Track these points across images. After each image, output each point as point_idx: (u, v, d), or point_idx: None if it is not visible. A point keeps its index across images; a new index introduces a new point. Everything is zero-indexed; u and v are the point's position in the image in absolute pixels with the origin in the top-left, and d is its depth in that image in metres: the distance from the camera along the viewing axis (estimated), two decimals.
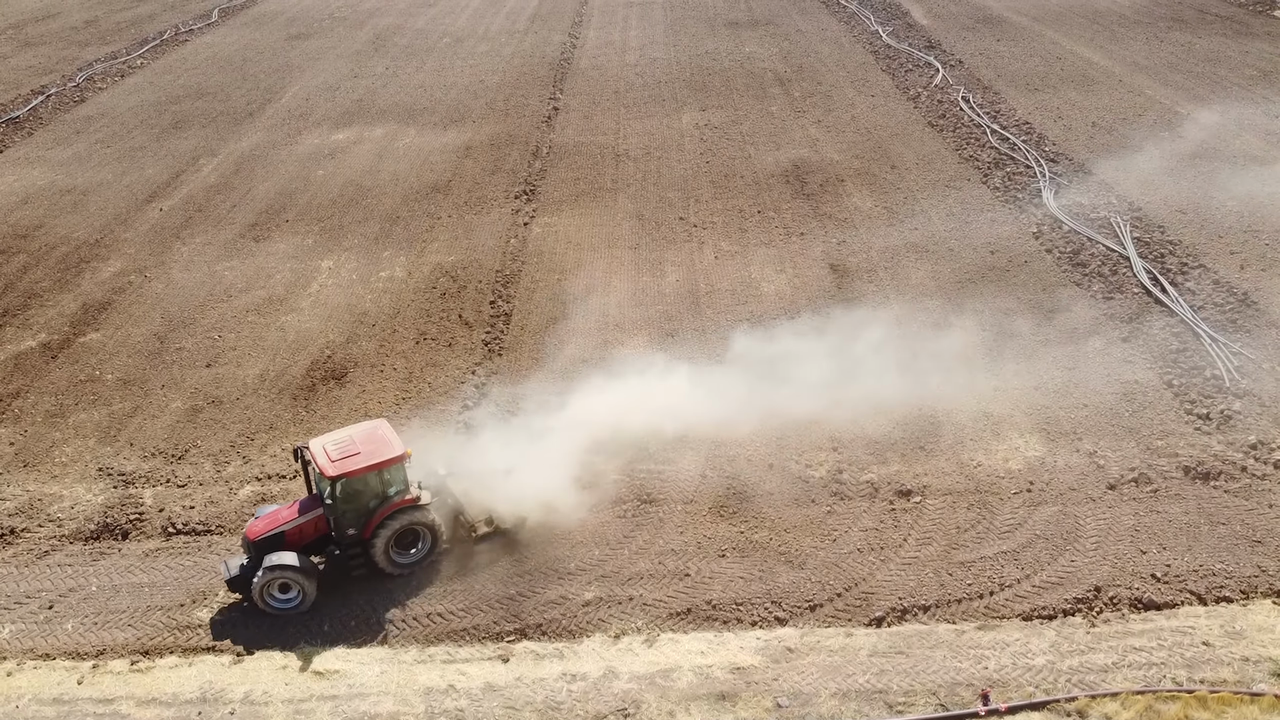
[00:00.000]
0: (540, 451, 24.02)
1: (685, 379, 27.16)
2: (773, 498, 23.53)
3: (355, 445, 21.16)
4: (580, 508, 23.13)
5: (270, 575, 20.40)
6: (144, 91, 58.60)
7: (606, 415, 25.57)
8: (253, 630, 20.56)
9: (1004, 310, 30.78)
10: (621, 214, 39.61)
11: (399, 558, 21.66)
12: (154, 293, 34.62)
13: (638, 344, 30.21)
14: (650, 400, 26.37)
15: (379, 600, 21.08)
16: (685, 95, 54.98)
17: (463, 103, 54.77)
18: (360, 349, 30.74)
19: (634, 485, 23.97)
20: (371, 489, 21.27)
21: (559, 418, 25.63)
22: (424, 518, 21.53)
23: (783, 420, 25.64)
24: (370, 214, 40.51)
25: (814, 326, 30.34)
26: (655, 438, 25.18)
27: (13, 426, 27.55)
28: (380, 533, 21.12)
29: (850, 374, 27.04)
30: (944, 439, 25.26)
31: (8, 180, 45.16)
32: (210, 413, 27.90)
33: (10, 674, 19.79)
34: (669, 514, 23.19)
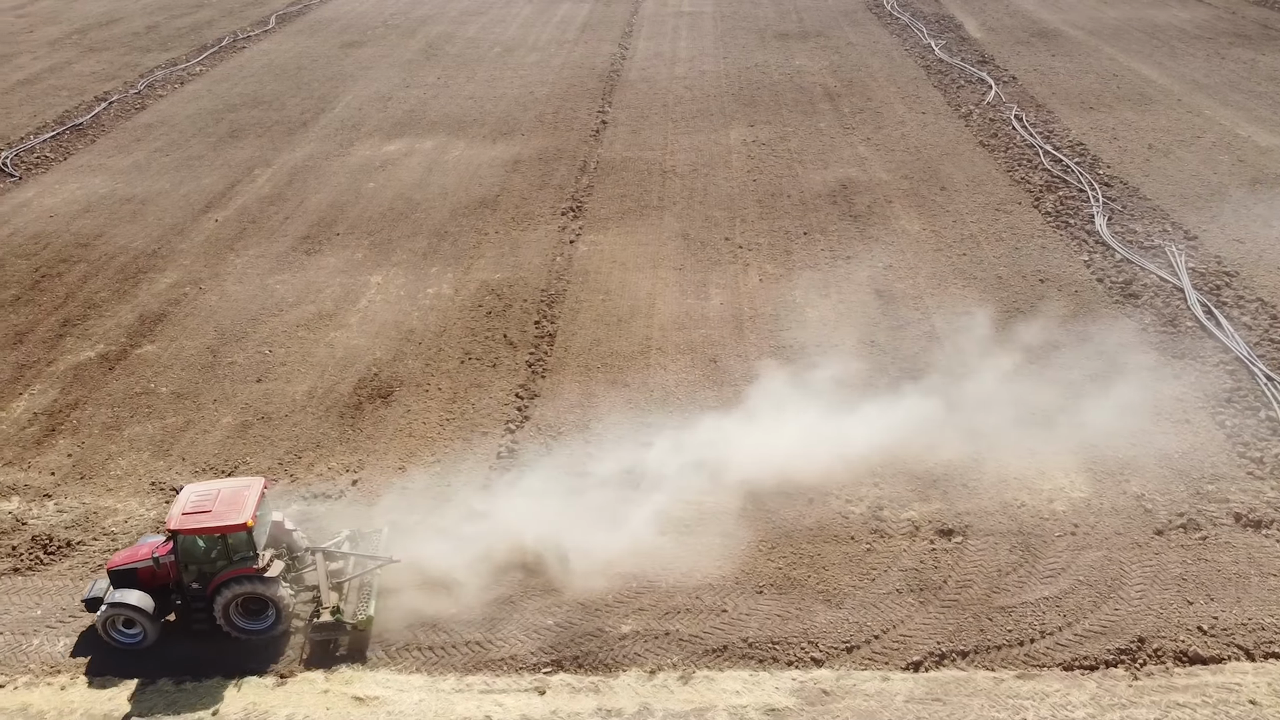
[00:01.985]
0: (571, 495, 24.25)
1: (727, 410, 27.18)
2: (811, 534, 23.48)
3: (211, 502, 20.75)
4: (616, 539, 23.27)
5: (111, 611, 20.58)
6: (202, 99, 59.84)
7: (647, 449, 25.72)
8: (296, 652, 20.95)
9: (1052, 342, 30.40)
10: (667, 233, 39.71)
11: (243, 623, 21.02)
12: (208, 305, 35.37)
13: (678, 369, 30.28)
14: (691, 432, 26.49)
15: (420, 626, 21.36)
16: (733, 110, 54.93)
17: (512, 115, 55.23)
18: (406, 367, 31.16)
19: (672, 518, 24.00)
20: (210, 550, 20.81)
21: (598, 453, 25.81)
22: (264, 590, 20.62)
23: (824, 454, 25.53)
24: (419, 228, 41.03)
25: (856, 355, 30.25)
26: (696, 469, 25.19)
27: (71, 438, 28.33)
28: (221, 593, 20.64)
29: (892, 407, 26.92)
30: (987, 477, 25.02)
31: (70, 188, 46.39)
32: (259, 429, 28.46)
33: (64, 688, 20.38)
34: (707, 546, 23.21)
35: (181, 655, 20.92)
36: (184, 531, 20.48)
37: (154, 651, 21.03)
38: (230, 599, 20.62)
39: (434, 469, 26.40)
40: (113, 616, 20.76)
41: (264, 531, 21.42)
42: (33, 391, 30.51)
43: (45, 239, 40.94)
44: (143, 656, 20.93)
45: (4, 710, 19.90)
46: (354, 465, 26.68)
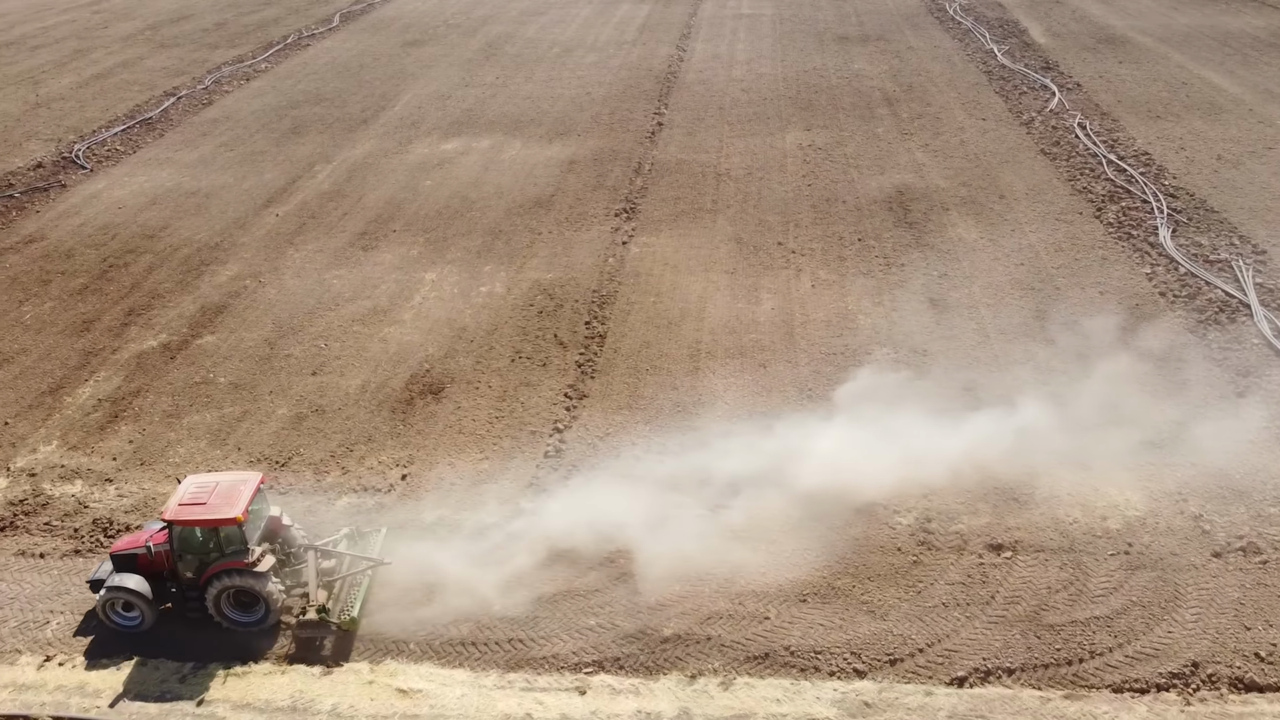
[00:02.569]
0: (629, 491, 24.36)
1: (775, 416, 27.06)
2: (857, 543, 23.28)
3: (208, 495, 21.12)
4: (661, 541, 23.32)
5: (110, 594, 21.13)
6: (266, 95, 61.06)
7: (695, 453, 25.74)
8: (342, 643, 21.29)
9: (1110, 356, 29.76)
10: (720, 237, 39.64)
11: (234, 615, 21.46)
12: (267, 298, 36.09)
13: (728, 373, 30.22)
14: (738, 438, 26.44)
15: (464, 621, 21.59)
16: (790, 113, 54.65)
17: (569, 115, 55.53)
18: (458, 364, 31.50)
19: (717, 523, 23.97)
20: (203, 542, 21.27)
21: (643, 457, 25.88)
22: (254, 584, 20.99)
23: (872, 463, 25.29)
24: (474, 227, 41.45)
25: (908, 365, 29.96)
26: (742, 475, 25.12)
27: (133, 424, 29.10)
28: (212, 585, 21.06)
29: (942, 416, 26.59)
30: (1039, 491, 24.59)
31: (139, 180, 47.64)
32: (313, 421, 28.98)
33: (119, 668, 20.95)
34: (751, 554, 23.14)
35: (235, 642, 21.38)
36: (178, 522, 20.96)
37: (206, 638, 21.52)
38: (221, 590, 21.01)
39: (482, 466, 26.66)
40: (112, 600, 21.30)
41: (257, 527, 21.74)
42: (98, 378, 31.39)
43: (113, 230, 42.10)
44: (193, 642, 21.43)
45: (63, 687, 20.52)
46: (404, 460, 27.06)
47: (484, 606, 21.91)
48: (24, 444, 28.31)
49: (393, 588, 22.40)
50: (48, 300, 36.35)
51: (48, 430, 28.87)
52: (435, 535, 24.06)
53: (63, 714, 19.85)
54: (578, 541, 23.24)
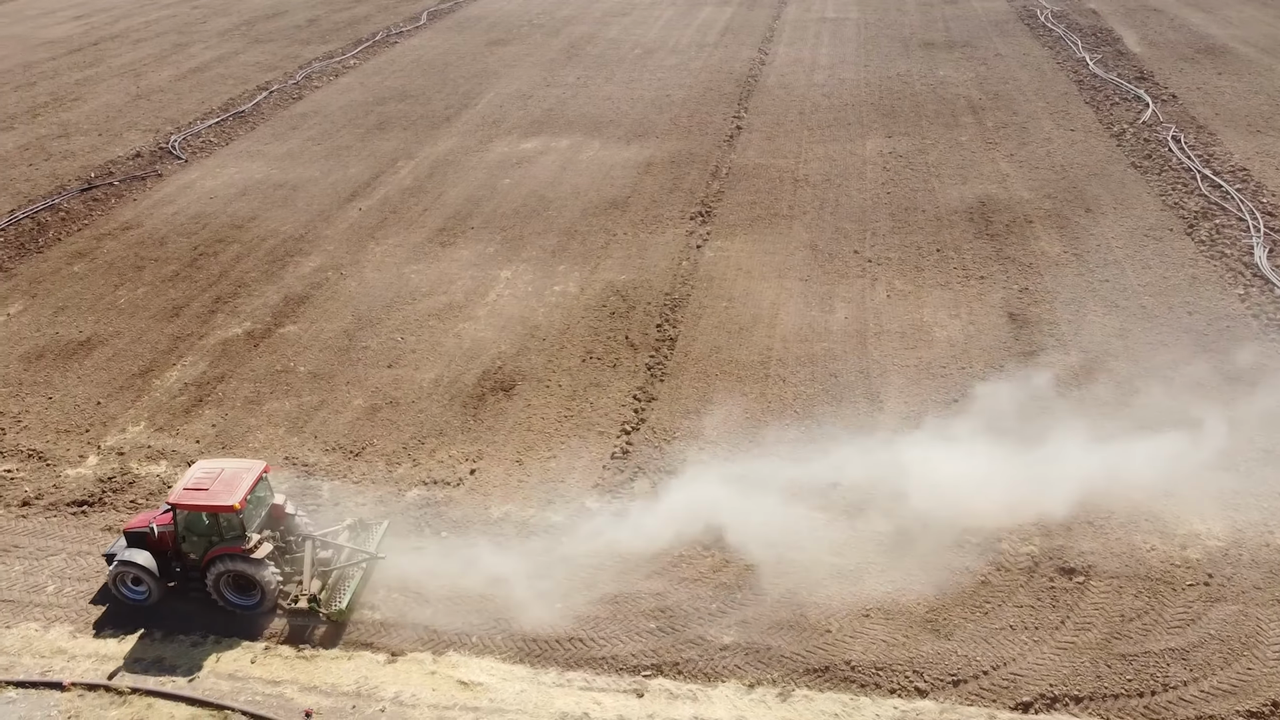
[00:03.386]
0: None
1: (844, 425, 26.81)
2: (924, 560, 22.92)
3: (211, 481, 21.81)
4: (722, 548, 23.30)
5: (120, 568, 22.04)
6: (354, 91, 62.49)
7: (758, 460, 25.61)
8: (406, 632, 21.71)
9: (1197, 380, 28.82)
10: (795, 243, 39.37)
11: (233, 597, 22.14)
12: (347, 290, 36.95)
13: (798, 381, 30.02)
14: (804, 446, 26.25)
15: (526, 620, 21.84)
16: (872, 120, 53.99)
17: (648, 117, 55.70)
18: (529, 362, 31.86)
19: (782, 531, 23.80)
20: (203, 526, 21.89)
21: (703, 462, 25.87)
22: (250, 570, 21.63)
23: (942, 477, 24.87)
24: (550, 226, 41.85)
25: (983, 379, 29.39)
26: (806, 484, 24.96)
27: (216, 409, 30.07)
28: (212, 568, 21.73)
29: (1017, 433, 26.02)
30: (1117, 516, 23.91)
31: (230, 172, 49.18)
32: (387, 413, 29.59)
33: (195, 645, 21.70)
34: (813, 563, 22.96)
35: (301, 625, 21.97)
36: (180, 506, 21.77)
37: (276, 617, 22.14)
38: (220, 573, 21.77)
39: (549, 464, 26.94)
40: (122, 573, 22.23)
41: (257, 514, 22.38)
42: (185, 363, 32.51)
43: (205, 219, 43.53)
44: (265, 625, 22.06)
45: (140, 660, 21.32)
46: (473, 455, 27.47)
47: (546, 604, 22.13)
48: (114, 424, 29.47)
49: (450, 579, 22.77)
50: (141, 286, 37.76)
51: (136, 411, 30.00)
52: (501, 531, 24.41)
53: (141, 685, 20.61)
54: (642, 544, 23.34)
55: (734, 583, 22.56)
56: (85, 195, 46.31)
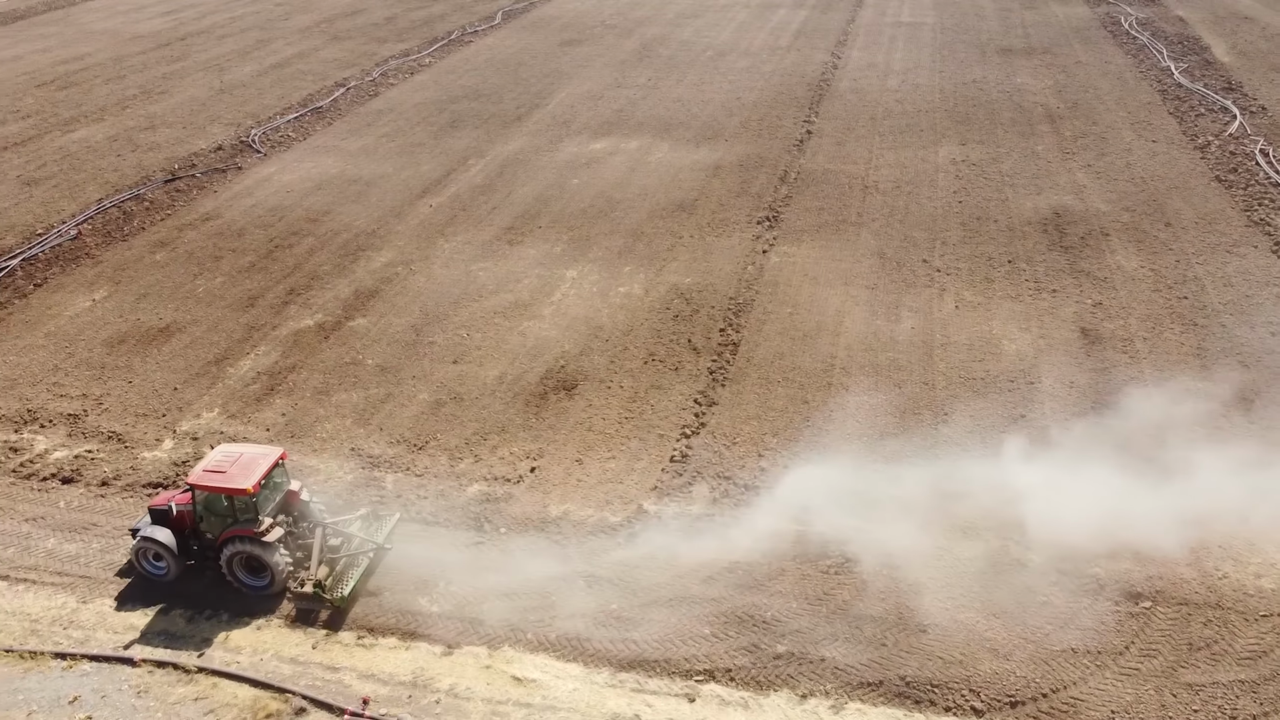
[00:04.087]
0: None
1: (904, 437, 26.51)
2: (984, 577, 22.56)
3: (229, 465, 22.54)
4: (785, 558, 23.22)
5: (141, 544, 22.93)
6: (428, 89, 63.48)
7: (816, 468, 25.46)
8: (462, 625, 22.03)
9: (1276, 403, 27.86)
10: (863, 250, 38.99)
11: (244, 577, 22.86)
12: (416, 286, 37.58)
13: (861, 391, 29.74)
14: (866, 456, 26.02)
15: (581, 619, 22.02)
16: (945, 126, 53.21)
17: (717, 120, 55.61)
18: (592, 363, 32.06)
19: (840, 542, 23.65)
20: (221, 507, 22.62)
21: None
22: (259, 552, 22.24)
23: (1004, 493, 24.48)
24: (616, 227, 42.05)
25: (1051, 395, 28.82)
26: (858, 495, 24.73)
27: (287, 398, 30.83)
28: (226, 548, 22.46)
29: (1084, 452, 25.47)
30: (1187, 541, 23.24)
31: (306, 166, 50.33)
32: (451, 408, 30.04)
33: (260, 628, 22.30)
34: (873, 577, 22.74)
35: (356, 613, 22.42)
36: (198, 487, 22.49)
37: (340, 609, 22.65)
38: (233, 554, 22.51)
39: (609, 465, 27.10)
40: (143, 549, 23.10)
41: (270, 499, 23.04)
42: (258, 352, 33.39)
43: (281, 212, 44.64)
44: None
45: (208, 640, 21.95)
46: (534, 453, 27.75)
47: (602, 604, 22.29)
48: (189, 409, 30.39)
49: (507, 574, 23.05)
50: (218, 275, 38.87)
51: (211, 398, 30.90)
52: (559, 529, 24.63)
53: (207, 664, 21.24)
54: (700, 549, 23.38)
55: (789, 592, 22.46)
56: (169, 186, 47.80)
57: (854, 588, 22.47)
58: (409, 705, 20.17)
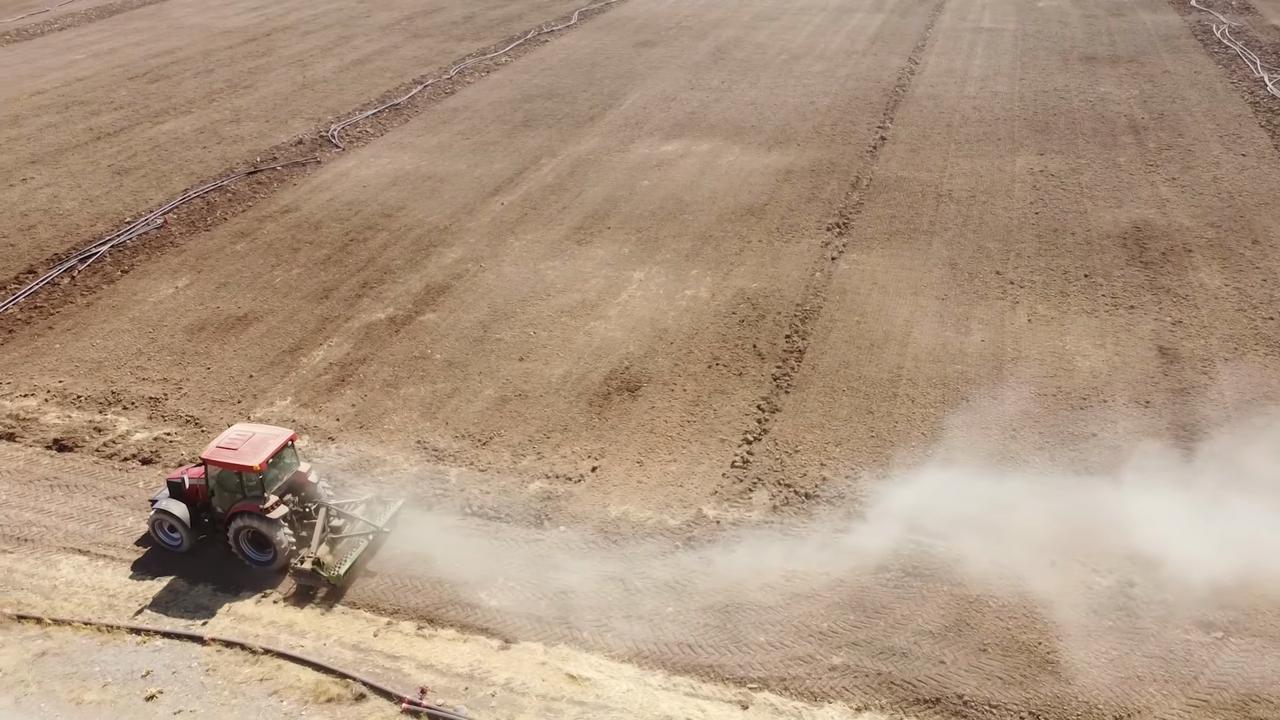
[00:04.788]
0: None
1: (971, 452, 26.13)
2: (1049, 597, 22.12)
3: (241, 443, 23.53)
4: (838, 566, 23.07)
5: (157, 515, 24.04)
6: (503, 88, 64.24)
7: (883, 482, 25.21)
8: (520, 621, 22.30)
9: None
10: (934, 260, 38.45)
11: (250, 551, 23.79)
12: (485, 283, 38.10)
13: (927, 403, 29.36)
14: (931, 469, 25.70)
15: (637, 620, 22.14)
16: (1023, 135, 52.17)
17: (790, 124, 55.30)
18: (656, 365, 32.17)
19: (901, 555, 23.41)
20: (230, 483, 23.55)
21: None
22: (263, 528, 23.19)
23: (1075, 515, 23.97)
24: (685, 230, 42.10)
25: (1125, 415, 28.11)
26: (925, 510, 24.43)
27: (357, 390, 31.51)
28: (234, 522, 23.37)
29: (1159, 475, 24.80)
30: (1264, 572, 22.42)
31: (383, 162, 51.33)
32: (516, 405, 30.40)
33: (324, 614, 22.85)
34: (933, 592, 22.47)
35: (417, 604, 22.84)
36: (209, 462, 23.46)
37: (401, 595, 23.09)
38: (239, 529, 23.46)
39: (669, 468, 27.18)
40: (159, 520, 24.20)
41: (277, 478, 23.96)
42: (331, 343, 34.18)
43: (357, 206, 45.60)
44: (393, 598, 23.03)
45: (275, 623, 22.58)
46: (596, 452, 27.96)
47: (658, 607, 22.38)
48: (264, 396, 31.24)
49: (565, 573, 23.27)
50: (295, 267, 39.86)
51: (284, 387, 31.73)
52: (618, 530, 24.78)
53: (273, 646, 21.84)
54: (759, 556, 23.34)
55: (846, 602, 22.30)
56: (251, 178, 49.15)
57: (915, 601, 22.21)
58: (465, 697, 20.50)
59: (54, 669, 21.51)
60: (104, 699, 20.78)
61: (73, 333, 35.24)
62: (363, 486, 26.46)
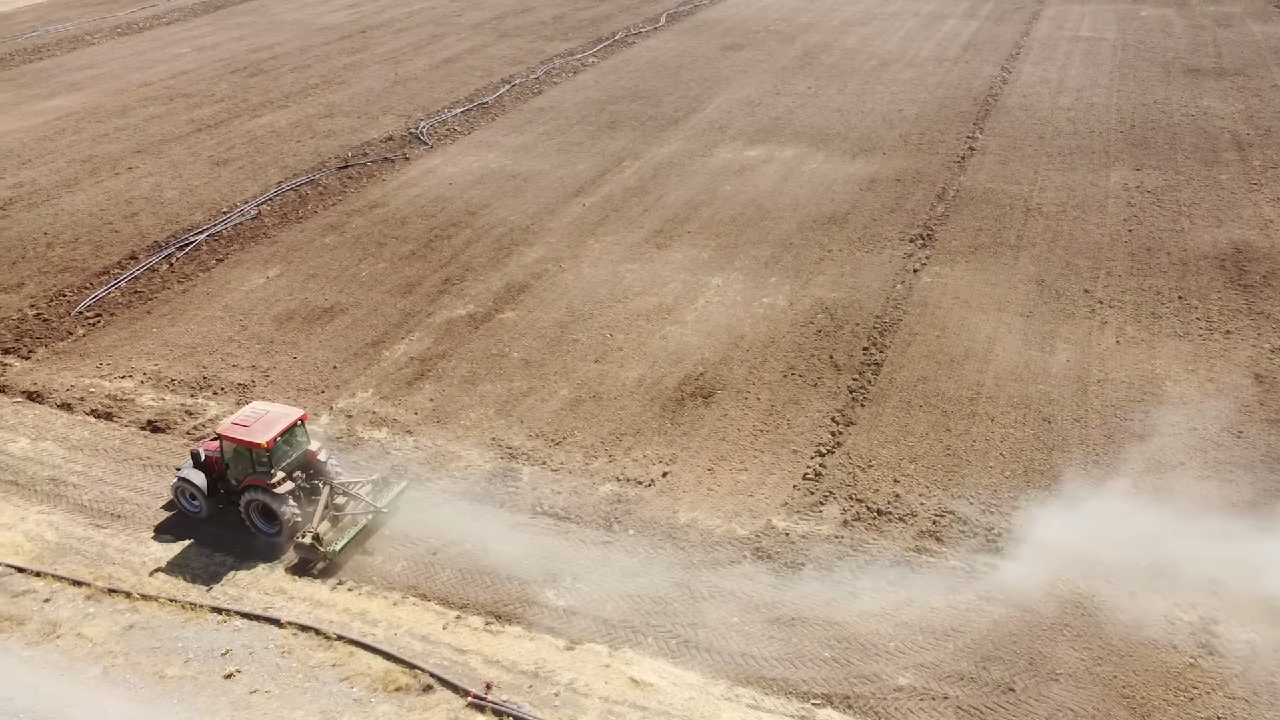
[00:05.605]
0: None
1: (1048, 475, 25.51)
2: (1127, 630, 21.51)
3: (255, 420, 24.88)
4: (908, 589, 22.76)
5: (179, 483, 25.63)
6: (589, 89, 64.73)
7: (955, 501, 24.75)
8: (585, 622, 22.51)
9: None
10: (1020, 276, 37.60)
11: (260, 523, 25.15)
12: (564, 283, 38.48)
13: (1007, 423, 28.75)
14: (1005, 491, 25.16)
15: (702, 629, 22.17)
16: (1119, 149, 50.66)
17: (876, 132, 54.62)
18: (730, 372, 32.12)
19: (976, 577, 22.99)
20: (242, 457, 24.82)
21: None
22: (269, 501, 24.52)
23: (1151, 542, 23.26)
24: (765, 236, 41.90)
25: (1216, 443, 27.14)
26: (999, 533, 23.96)
27: (435, 385, 32.14)
28: (245, 495, 24.79)
29: (1250, 508, 23.91)
30: None
31: (469, 160, 52.20)
32: (589, 406, 30.66)
33: (395, 604, 23.39)
34: (1006, 617, 22.02)
35: (485, 599, 23.21)
36: (224, 438, 24.87)
37: (470, 589, 23.49)
38: (249, 501, 24.88)
39: (740, 477, 27.12)
40: (181, 487, 25.79)
41: (286, 455, 25.22)
42: (413, 338, 34.91)
43: (443, 203, 46.47)
44: (462, 592, 23.44)
45: (348, 610, 23.18)
46: (667, 458, 28.05)
47: (724, 617, 22.37)
48: (346, 388, 32.07)
49: (631, 577, 23.39)
50: (381, 261, 40.80)
51: (366, 379, 32.52)
52: (686, 537, 24.83)
53: (345, 633, 22.44)
54: (830, 571, 23.16)
55: (914, 622, 21.99)
56: (341, 173, 50.46)
57: (984, 627, 21.78)
58: (529, 695, 20.77)
59: (140, 642, 22.44)
60: (185, 674, 21.60)
61: (169, 318, 36.65)
62: (371, 467, 27.47)
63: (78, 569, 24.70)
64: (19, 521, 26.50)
